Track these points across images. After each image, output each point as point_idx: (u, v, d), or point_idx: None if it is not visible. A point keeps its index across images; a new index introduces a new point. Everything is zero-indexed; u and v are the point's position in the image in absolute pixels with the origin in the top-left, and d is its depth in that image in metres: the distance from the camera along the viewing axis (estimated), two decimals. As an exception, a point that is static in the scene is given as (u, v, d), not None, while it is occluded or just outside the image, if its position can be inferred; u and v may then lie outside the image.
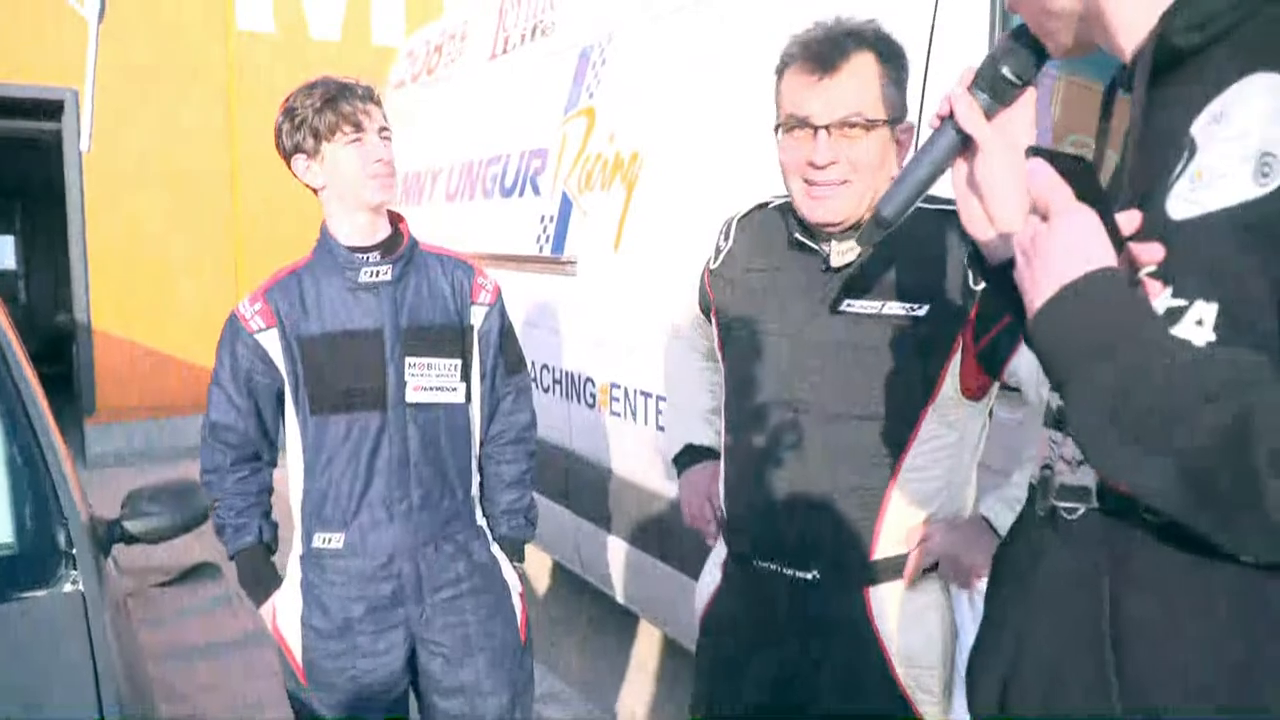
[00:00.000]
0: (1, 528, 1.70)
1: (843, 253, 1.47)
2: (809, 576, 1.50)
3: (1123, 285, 0.74)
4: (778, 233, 1.57)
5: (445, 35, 5.04)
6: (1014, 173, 0.90)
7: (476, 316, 1.97)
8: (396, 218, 1.95)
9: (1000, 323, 1.39)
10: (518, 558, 2.06)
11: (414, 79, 5.34)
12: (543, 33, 3.94)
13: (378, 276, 1.85)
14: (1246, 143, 0.72)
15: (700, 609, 1.71)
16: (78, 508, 1.79)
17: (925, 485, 1.48)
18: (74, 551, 1.69)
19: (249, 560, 1.93)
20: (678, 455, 1.85)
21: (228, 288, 6.96)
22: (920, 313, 1.43)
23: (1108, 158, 0.92)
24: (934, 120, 0.97)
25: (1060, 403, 0.82)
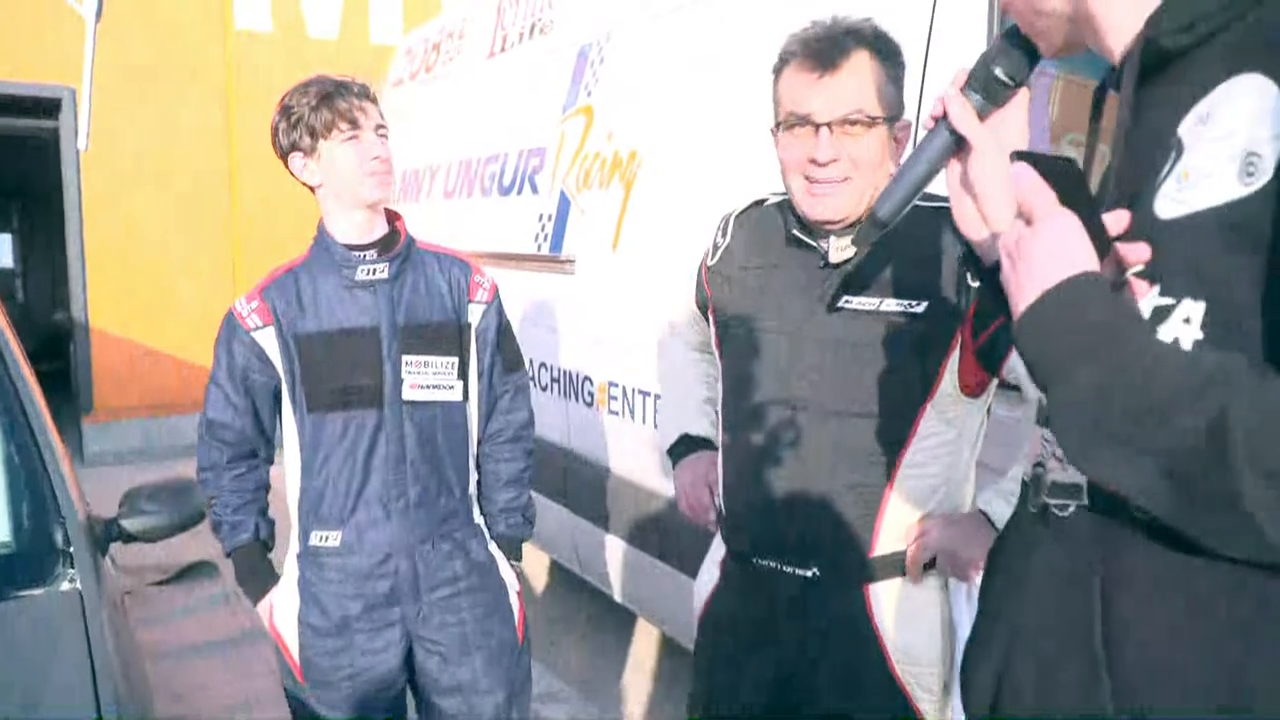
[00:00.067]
0: (-1, 526, 1.71)
1: (842, 249, 1.47)
2: (808, 574, 1.50)
3: (1105, 289, 0.75)
4: (775, 230, 1.57)
5: (443, 33, 5.04)
6: (1007, 173, 0.91)
7: (474, 314, 1.97)
8: (394, 216, 1.95)
9: (998, 319, 1.38)
10: (515, 556, 2.06)
11: (412, 77, 5.33)
12: (541, 31, 3.93)
13: (374, 274, 1.85)
14: (1232, 143, 0.73)
15: (698, 608, 1.71)
16: (75, 506, 1.79)
17: (924, 482, 1.48)
18: (71, 550, 1.70)
19: (246, 558, 1.93)
20: (673, 446, 1.84)
21: (225, 286, 6.95)
22: (919, 310, 1.43)
23: (1102, 154, 0.92)
24: (928, 121, 0.99)
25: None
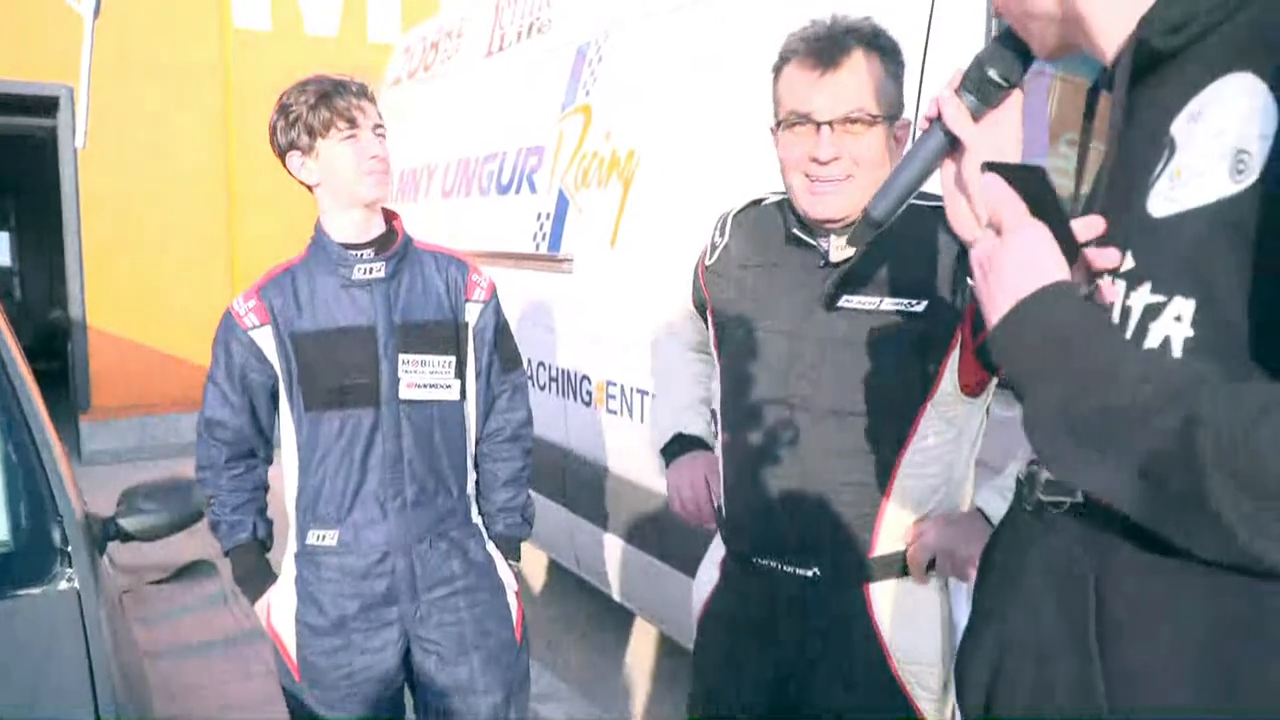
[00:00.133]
0: (-4, 525, 1.71)
1: (842, 248, 1.47)
2: (809, 574, 1.50)
3: (1075, 298, 0.76)
4: (775, 229, 1.56)
5: (441, 32, 5.03)
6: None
7: (471, 313, 1.97)
8: (391, 215, 1.95)
9: None
10: (514, 556, 2.06)
11: (410, 76, 5.33)
12: (539, 30, 3.93)
13: (371, 273, 1.85)
14: (1223, 141, 0.73)
15: (698, 608, 1.70)
16: (73, 505, 1.79)
17: (924, 482, 1.48)
18: (69, 549, 1.69)
19: (244, 557, 1.93)
20: (666, 445, 1.83)
21: (223, 285, 6.94)
22: (918, 309, 1.43)
23: (1097, 154, 0.93)
24: (923, 122, 0.99)
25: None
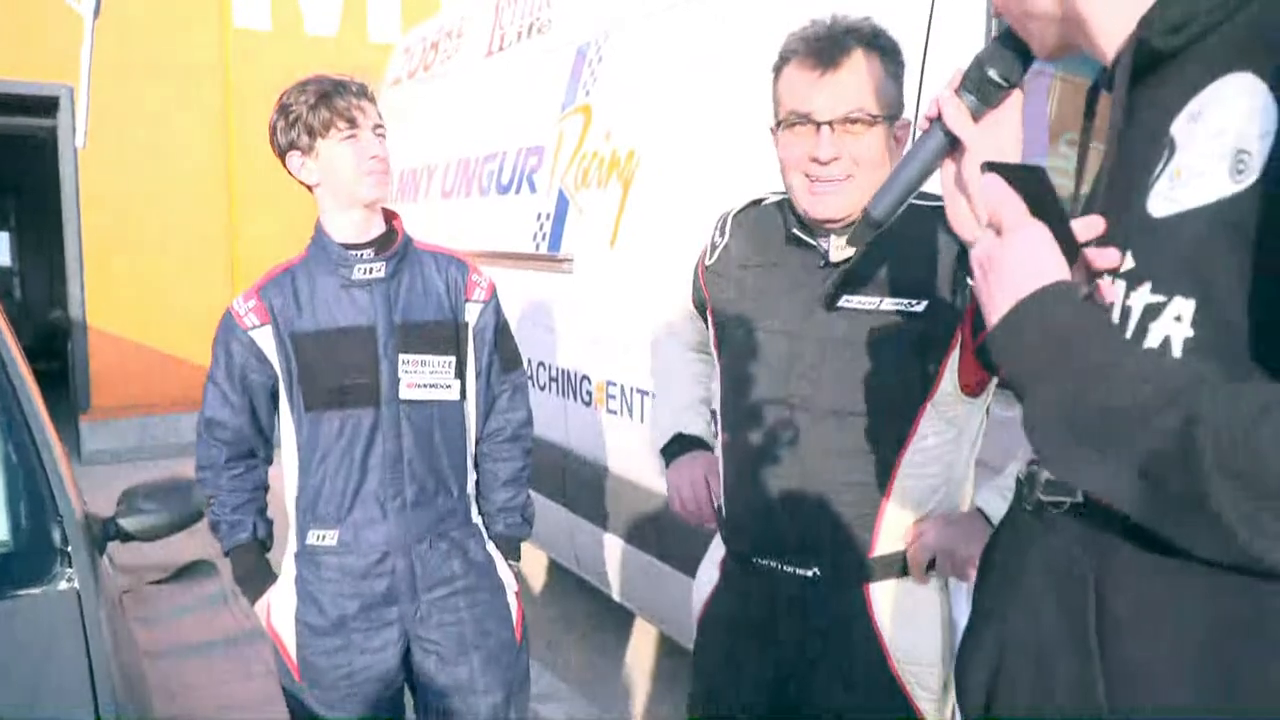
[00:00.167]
0: (-4, 525, 1.71)
1: (842, 248, 1.47)
2: (809, 574, 1.50)
3: (1074, 298, 0.76)
4: (775, 229, 1.56)
5: (441, 32, 5.03)
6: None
7: (471, 313, 1.97)
8: (391, 215, 1.95)
9: None
10: (514, 556, 2.06)
11: (410, 76, 5.33)
12: (539, 30, 3.93)
13: (371, 273, 1.85)
14: (1223, 141, 0.73)
15: (698, 608, 1.70)
16: (73, 505, 1.79)
17: (924, 482, 1.48)
18: (69, 549, 1.69)
19: (244, 557, 1.93)
20: (666, 445, 1.82)
21: (223, 285, 6.95)
22: (918, 309, 1.43)
23: (1097, 153, 0.93)
24: (923, 122, 0.99)
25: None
